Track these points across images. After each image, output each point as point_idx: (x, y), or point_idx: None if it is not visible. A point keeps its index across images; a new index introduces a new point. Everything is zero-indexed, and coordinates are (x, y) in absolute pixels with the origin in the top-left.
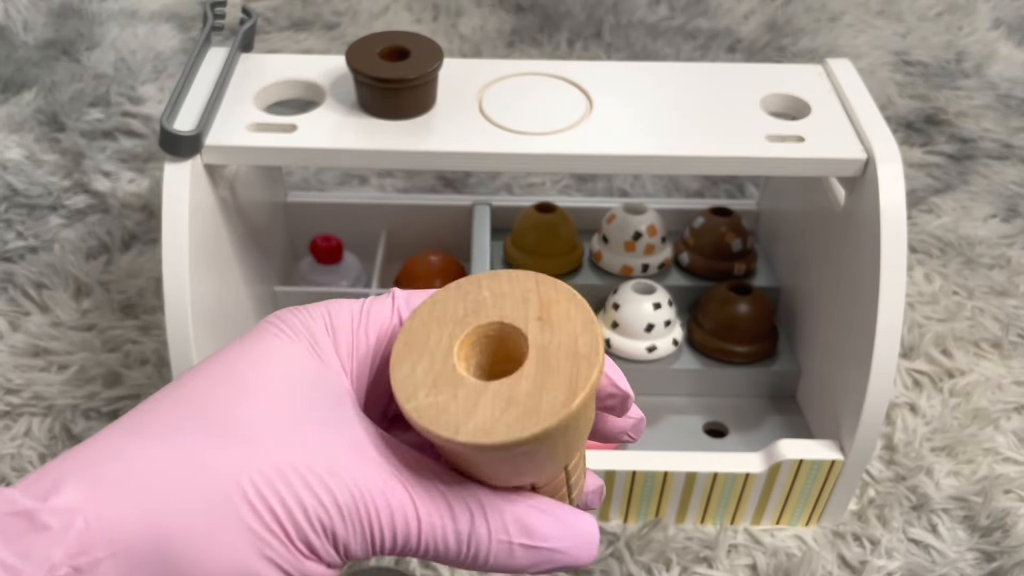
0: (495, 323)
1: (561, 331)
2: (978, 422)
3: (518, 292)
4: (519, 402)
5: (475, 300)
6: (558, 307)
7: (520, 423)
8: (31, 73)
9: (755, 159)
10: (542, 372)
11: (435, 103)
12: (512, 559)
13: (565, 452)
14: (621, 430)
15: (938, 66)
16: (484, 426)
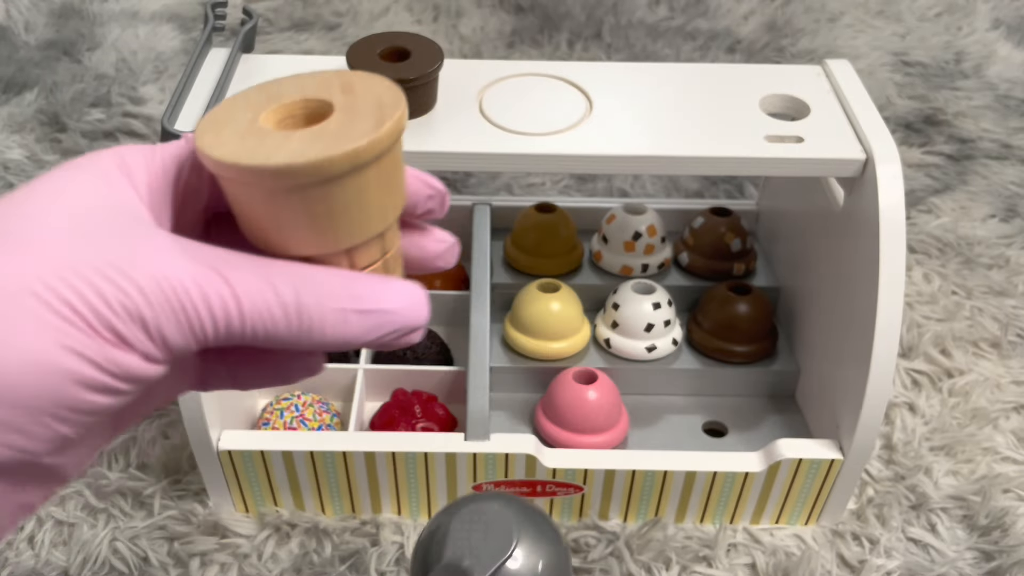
0: (299, 100)
1: (364, 94)
2: (977, 422)
3: (319, 80)
4: (328, 135)
5: (277, 90)
6: (361, 82)
7: (332, 146)
8: (32, 74)
9: (754, 159)
10: (349, 117)
11: (435, 104)
12: (347, 327)
13: (379, 207)
14: (436, 253)
15: (937, 66)
16: (296, 151)
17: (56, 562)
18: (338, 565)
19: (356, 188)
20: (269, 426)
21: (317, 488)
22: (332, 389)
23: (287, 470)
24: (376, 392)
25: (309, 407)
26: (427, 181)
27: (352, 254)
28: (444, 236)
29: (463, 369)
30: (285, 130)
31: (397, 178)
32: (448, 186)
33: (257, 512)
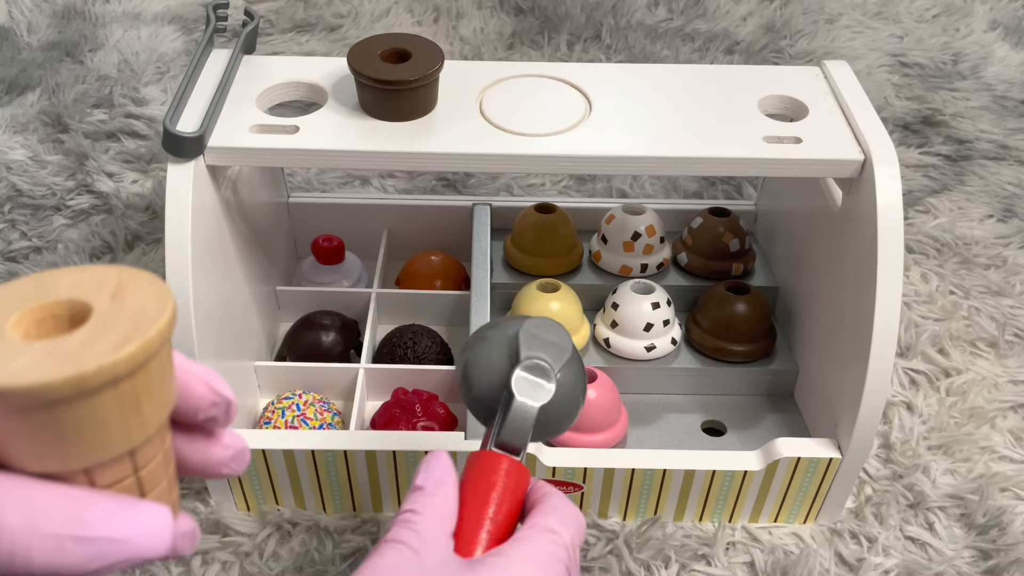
0: (63, 301)
1: (131, 302)
2: (974, 421)
3: (98, 278)
4: (65, 352)
5: (50, 284)
6: (134, 286)
7: (57, 367)
8: (35, 75)
9: (753, 160)
10: (98, 332)
11: (436, 105)
12: (63, 554)
13: (122, 429)
14: (220, 460)
15: (935, 67)
16: (16, 371)
17: None
18: (339, 563)
19: (88, 411)
20: (271, 425)
21: (318, 487)
22: (333, 388)
23: (288, 469)
24: (377, 391)
25: (310, 406)
26: (213, 387)
27: (91, 473)
28: (231, 441)
29: None
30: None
31: (152, 396)
32: (448, 186)
33: (259, 511)
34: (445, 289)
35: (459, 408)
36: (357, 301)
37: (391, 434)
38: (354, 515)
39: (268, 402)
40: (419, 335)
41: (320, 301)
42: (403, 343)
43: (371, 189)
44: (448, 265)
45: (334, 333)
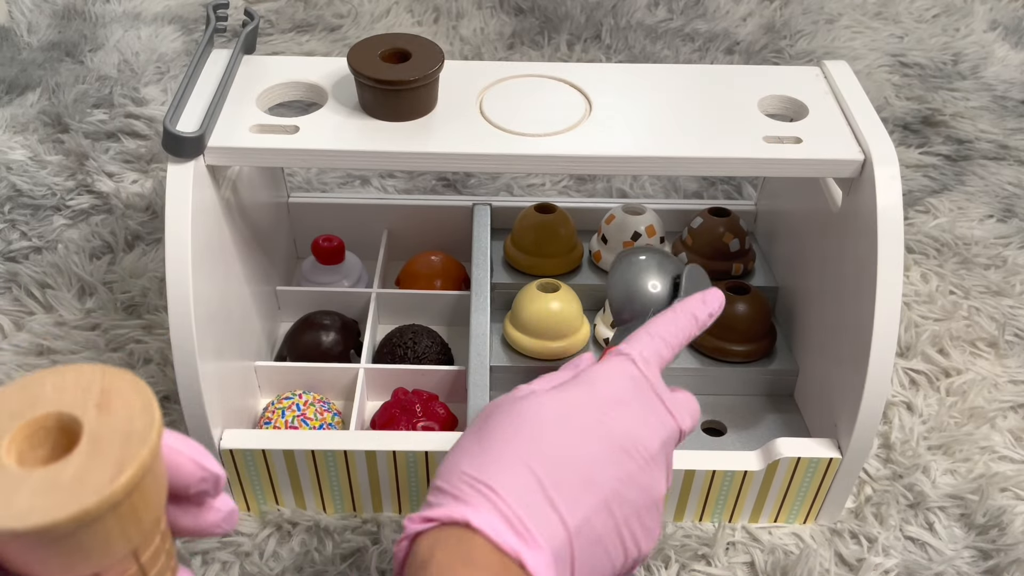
0: (51, 414)
1: (117, 416)
2: (974, 421)
3: (82, 383)
4: (62, 485)
5: (34, 395)
6: (119, 395)
7: (59, 504)
8: (35, 75)
9: (753, 160)
10: (92, 455)
11: (436, 105)
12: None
13: (124, 537)
14: (212, 523)
15: (935, 68)
16: (20, 511)
17: None
18: (339, 563)
19: (90, 534)
20: (271, 425)
21: (318, 487)
22: (333, 388)
23: (288, 469)
24: (377, 391)
25: (310, 406)
26: (202, 464)
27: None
28: (221, 505)
29: (463, 368)
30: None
31: (148, 505)
32: (448, 186)
33: (259, 510)
34: (445, 289)
35: (459, 408)
36: (357, 301)
37: (391, 434)
38: (354, 515)
39: (268, 402)
40: (419, 335)
41: (320, 301)
42: (403, 343)
43: (371, 189)
44: (448, 265)
45: (334, 333)
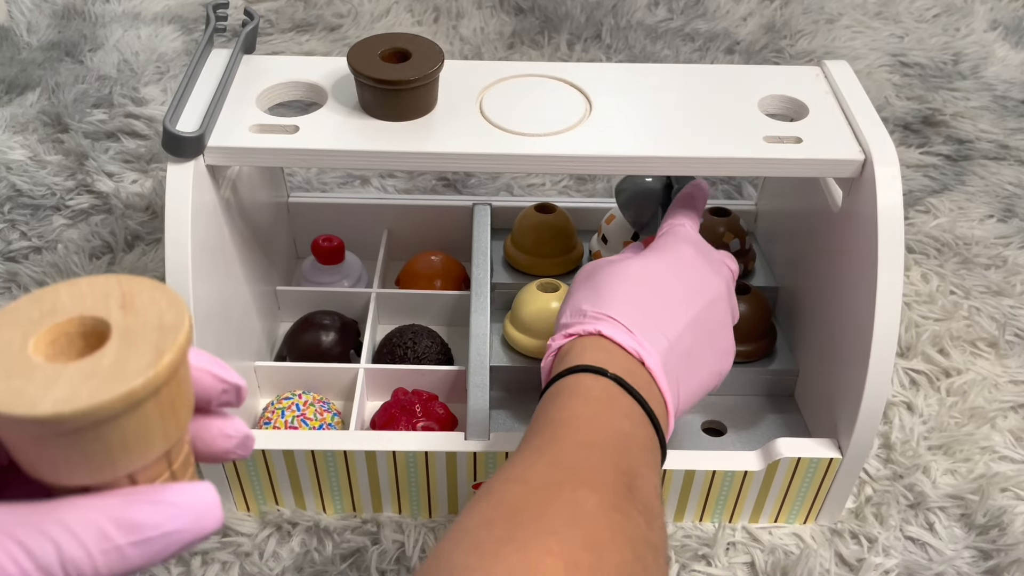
0: (75, 318)
1: (145, 313)
2: (975, 421)
3: (99, 290)
4: (102, 372)
5: (52, 303)
6: (141, 295)
7: (104, 387)
8: (35, 74)
9: (753, 160)
10: (126, 346)
11: (436, 104)
12: (127, 561)
13: (162, 431)
14: (224, 450)
15: (935, 67)
16: (65, 396)
17: None
18: (339, 564)
19: (134, 423)
20: (270, 425)
21: (318, 487)
22: (333, 388)
23: (288, 469)
24: (377, 391)
25: (310, 406)
26: (221, 376)
27: (134, 476)
28: (234, 430)
29: (463, 368)
30: (58, 353)
31: (182, 397)
32: (448, 186)
33: (258, 511)
34: (445, 289)
35: (459, 408)
36: (357, 301)
37: (391, 434)
38: (354, 515)
39: (268, 402)
40: (419, 335)
41: (320, 301)
42: (403, 343)
43: (371, 189)
44: (448, 265)
45: (334, 333)
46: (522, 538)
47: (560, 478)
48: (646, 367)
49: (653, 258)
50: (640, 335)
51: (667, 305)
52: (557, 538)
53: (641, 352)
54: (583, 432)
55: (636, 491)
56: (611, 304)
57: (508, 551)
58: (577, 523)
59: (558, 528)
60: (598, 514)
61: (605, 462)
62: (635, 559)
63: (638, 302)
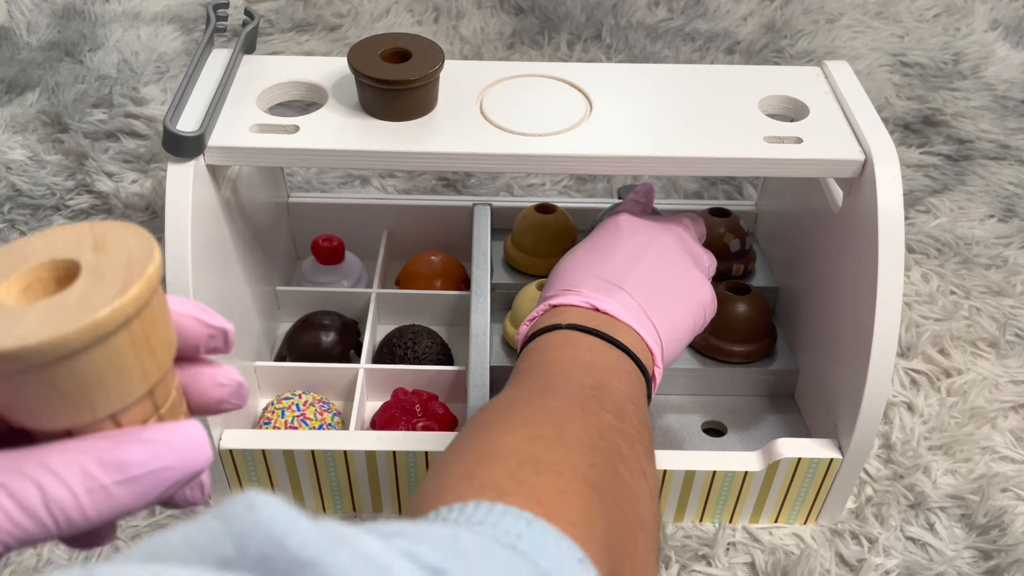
0: (45, 263)
1: (115, 251)
2: (975, 421)
3: (71, 236)
4: (69, 306)
5: (24, 252)
6: (113, 236)
7: (70, 319)
8: (34, 74)
9: (753, 160)
10: (95, 282)
11: (436, 104)
12: (115, 501)
13: (140, 368)
14: (217, 399)
15: (935, 67)
16: (30, 330)
17: (58, 561)
18: None
19: (106, 358)
20: (270, 425)
21: (318, 487)
22: (333, 388)
23: (288, 469)
24: (377, 391)
25: (310, 406)
26: (206, 321)
27: (118, 418)
28: (227, 379)
29: (463, 368)
30: (29, 299)
31: (159, 334)
32: (448, 186)
33: None
34: (445, 289)
35: (459, 408)
36: (357, 301)
37: (391, 434)
38: (354, 515)
39: (268, 402)
40: (419, 335)
41: (320, 301)
42: (403, 343)
43: (371, 189)
44: (448, 265)
45: (334, 333)
46: (488, 433)
47: (523, 395)
48: (601, 311)
49: (592, 236)
50: (591, 292)
51: (614, 263)
52: (522, 426)
53: (593, 302)
54: (546, 369)
55: (603, 398)
56: (562, 282)
57: (476, 441)
58: (538, 415)
59: (521, 421)
60: (560, 409)
61: (567, 380)
62: (600, 438)
63: (584, 271)
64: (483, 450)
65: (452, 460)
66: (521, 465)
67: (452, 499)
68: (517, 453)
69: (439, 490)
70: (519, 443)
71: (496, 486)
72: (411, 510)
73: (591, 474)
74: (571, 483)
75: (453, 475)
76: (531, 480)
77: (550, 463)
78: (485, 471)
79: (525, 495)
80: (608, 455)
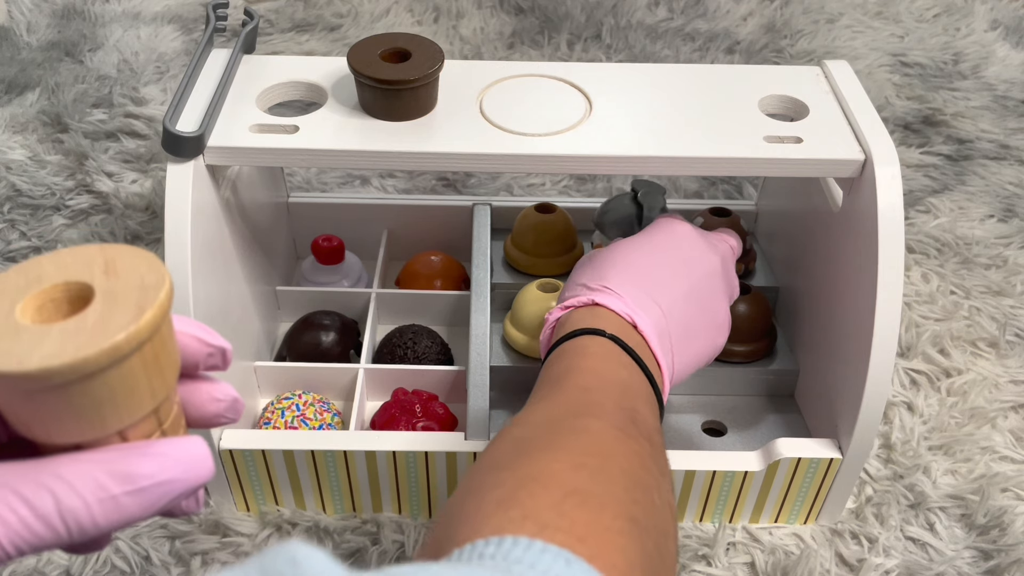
0: (59, 284)
1: (127, 275)
2: (975, 421)
3: (82, 258)
4: (87, 330)
5: (37, 272)
6: (123, 260)
7: (89, 342)
8: (34, 74)
9: (753, 160)
10: (109, 306)
11: (436, 104)
12: (124, 511)
13: (149, 388)
14: (214, 413)
15: (935, 67)
16: (52, 352)
17: (58, 561)
18: None
19: (120, 378)
20: (270, 425)
21: (318, 487)
22: (333, 388)
23: (288, 469)
24: (377, 391)
25: (310, 406)
26: (205, 340)
27: (125, 433)
28: (223, 394)
29: (463, 369)
30: (44, 319)
31: (167, 355)
32: (448, 186)
33: (258, 511)
34: (445, 289)
35: (459, 408)
36: (357, 301)
37: (391, 434)
38: (354, 515)
39: (268, 402)
40: (419, 335)
41: (320, 301)
42: (403, 343)
43: (371, 189)
44: (448, 265)
45: (334, 333)
46: (529, 453)
47: (563, 414)
48: (639, 331)
49: (647, 235)
50: (633, 303)
51: (659, 276)
52: (564, 451)
53: (634, 317)
54: (583, 378)
55: (638, 422)
56: (606, 277)
57: (516, 463)
58: (581, 438)
59: (563, 444)
60: (603, 432)
61: (606, 399)
62: (641, 468)
63: (631, 274)
64: (524, 475)
65: (489, 481)
66: (566, 497)
67: (489, 531)
68: (562, 483)
69: (477, 517)
70: (563, 471)
71: (537, 518)
72: (443, 524)
73: (634, 509)
74: (615, 519)
75: (491, 501)
76: (574, 514)
77: (595, 495)
78: (528, 499)
79: (567, 530)
80: (647, 488)
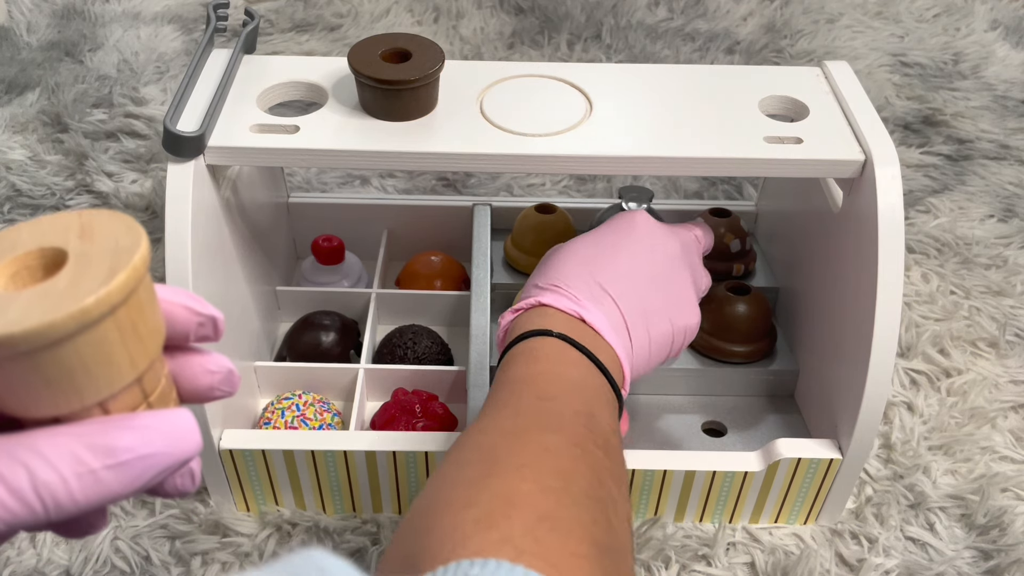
0: (32, 252)
1: (102, 239)
2: (975, 421)
3: (59, 224)
4: (55, 294)
5: (12, 240)
6: (100, 224)
7: (56, 307)
8: (34, 74)
9: (753, 160)
10: (82, 269)
11: (436, 105)
12: (104, 486)
13: (127, 356)
14: (208, 385)
15: (935, 67)
16: (16, 317)
17: (58, 561)
18: None
19: (92, 345)
20: (270, 425)
21: (318, 487)
22: (333, 388)
23: (288, 469)
24: (377, 391)
25: (310, 406)
26: (195, 308)
27: (106, 405)
28: (216, 365)
29: (463, 369)
30: (17, 286)
31: (146, 321)
32: (448, 186)
33: (258, 511)
34: (445, 289)
35: (459, 408)
36: (357, 301)
37: (391, 434)
38: (354, 515)
39: (268, 402)
40: (419, 335)
41: (320, 301)
42: (403, 343)
43: (371, 189)
44: (448, 265)
45: (334, 333)
46: (499, 471)
47: (524, 425)
48: (588, 324)
49: (601, 227)
50: (582, 296)
51: (609, 264)
52: (530, 469)
53: (581, 312)
54: (539, 386)
55: (593, 429)
56: (554, 275)
57: (488, 481)
58: (544, 458)
59: (529, 462)
60: (561, 450)
61: (563, 408)
62: (597, 483)
63: (579, 267)
64: (496, 494)
65: (461, 496)
66: (539, 522)
67: (471, 551)
68: (534, 506)
69: (455, 535)
70: (533, 493)
71: (514, 543)
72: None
73: (595, 531)
74: (580, 544)
75: (468, 520)
76: (547, 539)
77: (562, 520)
78: (503, 520)
79: (542, 556)
80: (604, 505)
